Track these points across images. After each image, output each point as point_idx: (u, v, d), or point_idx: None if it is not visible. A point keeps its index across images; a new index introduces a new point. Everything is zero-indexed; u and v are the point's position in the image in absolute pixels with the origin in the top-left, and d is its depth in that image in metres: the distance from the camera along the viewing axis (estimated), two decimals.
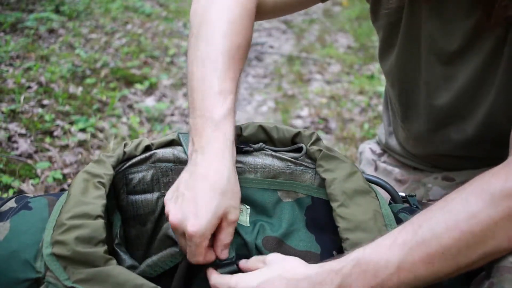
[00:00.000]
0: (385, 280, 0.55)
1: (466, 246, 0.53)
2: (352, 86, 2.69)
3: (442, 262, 0.54)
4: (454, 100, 0.77)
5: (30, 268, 0.57)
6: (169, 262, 0.66)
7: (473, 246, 0.53)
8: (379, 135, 1.13)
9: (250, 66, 2.99)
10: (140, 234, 0.72)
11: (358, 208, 0.63)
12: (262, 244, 0.68)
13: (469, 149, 0.84)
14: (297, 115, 2.36)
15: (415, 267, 0.54)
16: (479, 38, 0.69)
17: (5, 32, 2.56)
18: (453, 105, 0.78)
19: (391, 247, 0.56)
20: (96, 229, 0.56)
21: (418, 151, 0.96)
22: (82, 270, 0.54)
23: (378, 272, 0.55)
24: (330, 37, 3.59)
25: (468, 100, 0.76)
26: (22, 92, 2.00)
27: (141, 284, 0.54)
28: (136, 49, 2.73)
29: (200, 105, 0.67)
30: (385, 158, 1.09)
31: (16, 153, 1.65)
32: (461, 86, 0.75)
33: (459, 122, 0.79)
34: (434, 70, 0.77)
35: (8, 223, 0.61)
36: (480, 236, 0.53)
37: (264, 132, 0.74)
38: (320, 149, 0.70)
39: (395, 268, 0.55)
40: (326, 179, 0.67)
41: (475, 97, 0.74)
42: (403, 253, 0.55)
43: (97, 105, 2.07)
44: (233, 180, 0.64)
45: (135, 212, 0.71)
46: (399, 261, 0.55)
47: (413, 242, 0.55)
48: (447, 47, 0.73)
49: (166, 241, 0.69)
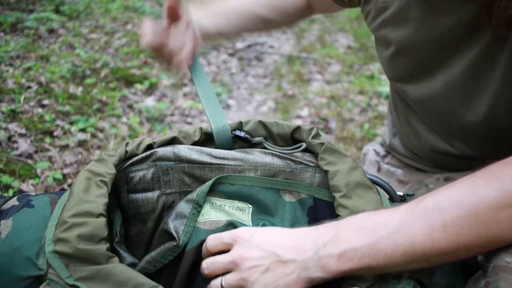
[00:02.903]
0: (381, 238, 0.54)
1: (468, 225, 0.52)
2: (352, 86, 2.69)
3: (441, 235, 0.53)
4: (449, 92, 0.77)
5: (32, 265, 0.57)
6: (168, 256, 0.66)
7: (475, 227, 0.52)
8: (383, 136, 1.14)
9: (250, 66, 2.99)
10: (140, 233, 0.72)
11: (361, 200, 0.63)
12: None
13: (471, 148, 0.84)
14: (297, 115, 2.36)
15: (413, 234, 0.53)
16: (476, 33, 0.69)
17: (5, 32, 2.56)
18: (448, 98, 0.77)
19: (392, 212, 0.56)
20: (98, 227, 0.56)
21: (421, 150, 0.96)
22: (84, 268, 0.54)
23: (376, 229, 0.55)
24: (330, 37, 3.60)
25: (465, 94, 0.75)
26: (22, 92, 2.00)
27: (143, 283, 0.54)
28: (136, 49, 2.73)
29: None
30: (389, 160, 1.09)
31: (16, 153, 1.66)
32: (456, 79, 0.75)
33: (459, 118, 0.79)
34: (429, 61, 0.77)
35: (10, 220, 0.61)
36: (484, 219, 0.52)
37: (264, 128, 0.74)
38: (322, 142, 0.70)
39: (394, 229, 0.54)
40: (329, 171, 0.67)
41: (472, 92, 0.74)
42: (404, 218, 0.54)
43: (97, 105, 2.08)
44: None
45: (136, 211, 0.71)
46: (399, 223, 0.54)
47: (415, 210, 0.54)
48: (441, 41, 0.73)
49: (164, 236, 0.69)
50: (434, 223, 0.53)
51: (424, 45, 0.75)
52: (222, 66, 2.93)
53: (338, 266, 0.55)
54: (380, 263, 0.54)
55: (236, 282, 0.58)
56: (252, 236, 0.60)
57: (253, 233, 0.60)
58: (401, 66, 0.82)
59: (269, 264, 0.57)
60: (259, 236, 0.60)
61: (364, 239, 0.55)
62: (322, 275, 0.56)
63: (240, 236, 0.61)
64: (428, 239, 0.53)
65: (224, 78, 2.76)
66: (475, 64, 0.71)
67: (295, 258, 0.57)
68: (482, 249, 0.54)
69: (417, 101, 0.83)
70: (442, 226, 0.53)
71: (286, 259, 0.57)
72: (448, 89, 0.76)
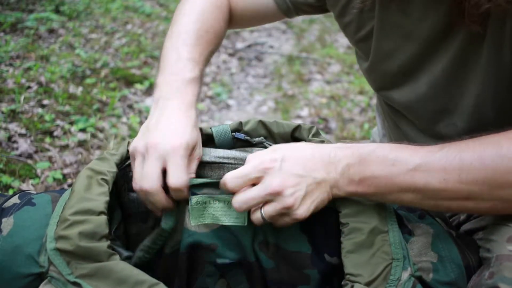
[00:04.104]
0: (400, 173, 0.57)
1: (483, 180, 0.54)
2: (352, 86, 2.69)
3: (456, 184, 0.55)
4: (435, 92, 0.77)
5: (33, 262, 0.57)
6: (158, 241, 0.66)
7: (490, 183, 0.54)
8: (373, 135, 1.15)
9: (250, 66, 2.99)
10: (141, 232, 0.72)
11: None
12: (258, 247, 0.68)
13: None
14: (297, 115, 2.37)
15: (430, 174, 0.56)
16: (451, 32, 0.69)
17: (5, 32, 2.56)
18: (435, 97, 0.78)
19: (415, 150, 0.59)
20: (99, 224, 0.56)
21: None
22: (85, 265, 0.54)
23: (397, 163, 0.58)
24: (330, 37, 3.60)
25: (450, 92, 0.76)
26: (22, 92, 2.00)
27: (144, 280, 0.54)
28: (136, 49, 2.73)
29: (171, 67, 0.75)
30: None
31: (16, 153, 1.66)
32: (440, 79, 0.75)
33: (447, 116, 0.79)
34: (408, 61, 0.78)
35: (11, 218, 0.61)
36: (501, 177, 0.54)
37: (264, 127, 0.74)
38: (323, 140, 0.70)
39: (414, 166, 0.57)
40: None
41: (455, 90, 0.74)
42: (425, 158, 0.57)
43: (97, 105, 2.08)
44: (196, 131, 0.69)
45: (137, 209, 0.71)
46: (419, 162, 0.57)
47: (438, 154, 0.57)
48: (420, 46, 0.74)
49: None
50: (452, 170, 0.55)
51: (404, 50, 0.75)
52: (222, 66, 2.93)
53: (357, 189, 0.60)
54: (393, 196, 0.59)
55: (278, 211, 0.60)
56: (281, 163, 0.60)
57: (281, 160, 0.60)
58: (383, 75, 0.82)
59: (306, 188, 0.59)
60: (289, 162, 0.60)
61: (384, 170, 0.58)
62: (341, 193, 0.61)
63: (269, 167, 0.60)
64: (442, 183, 0.56)
65: (224, 78, 2.76)
66: (456, 62, 0.71)
67: (326, 177, 0.60)
68: (490, 211, 0.56)
69: (405, 106, 0.83)
70: (458, 174, 0.55)
71: (319, 179, 0.60)
72: (433, 90, 0.76)
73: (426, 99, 0.78)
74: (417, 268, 0.60)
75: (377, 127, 1.13)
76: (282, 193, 0.58)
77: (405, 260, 0.59)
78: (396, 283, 0.57)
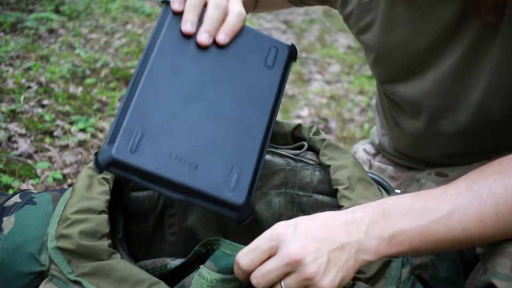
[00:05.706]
0: (433, 222, 0.52)
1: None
2: (352, 86, 2.69)
3: (494, 222, 0.51)
4: (440, 89, 0.77)
5: (34, 261, 0.57)
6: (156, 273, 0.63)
7: None
8: (372, 136, 1.15)
9: None
10: (141, 231, 0.73)
11: (364, 193, 0.63)
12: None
13: (464, 144, 0.84)
14: (297, 115, 2.37)
15: (466, 219, 0.51)
16: (462, 27, 0.68)
17: (5, 32, 2.56)
18: (440, 93, 0.77)
19: (442, 195, 0.53)
20: (100, 223, 0.57)
21: (412, 151, 0.97)
22: (86, 264, 0.54)
23: (426, 212, 0.52)
24: (330, 37, 3.60)
25: (456, 89, 0.75)
26: (22, 92, 2.00)
27: (144, 279, 0.54)
28: (136, 49, 2.73)
29: None
30: (380, 158, 1.10)
31: (16, 153, 1.66)
32: (447, 75, 0.75)
33: (451, 113, 0.79)
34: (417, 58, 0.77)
35: (12, 217, 0.61)
36: None
37: None
38: (323, 138, 0.70)
39: (446, 213, 0.52)
40: (331, 165, 0.67)
41: (462, 86, 0.74)
42: (456, 202, 0.52)
43: (97, 105, 2.08)
44: None
45: (138, 209, 0.72)
46: (451, 208, 0.52)
47: (468, 195, 0.52)
48: (429, 40, 0.73)
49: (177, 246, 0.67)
50: (488, 210, 0.51)
51: (412, 45, 0.75)
52: None
53: (388, 249, 0.52)
54: (428, 247, 0.53)
55: (299, 284, 0.51)
56: (295, 227, 0.52)
57: (295, 225, 0.53)
58: (389, 67, 0.82)
59: (328, 254, 0.51)
60: (304, 225, 0.53)
61: (415, 222, 0.52)
62: (372, 257, 0.53)
63: (282, 234, 0.52)
64: (479, 226, 0.52)
65: None
66: (464, 58, 0.71)
67: (349, 240, 0.52)
68: None
69: (408, 101, 0.83)
70: (495, 213, 0.51)
71: (342, 243, 0.52)
72: (439, 86, 0.76)
73: (431, 95, 0.77)
74: (415, 265, 0.60)
75: (376, 127, 1.13)
76: (302, 261, 0.50)
77: (404, 258, 0.59)
78: (396, 281, 0.57)
